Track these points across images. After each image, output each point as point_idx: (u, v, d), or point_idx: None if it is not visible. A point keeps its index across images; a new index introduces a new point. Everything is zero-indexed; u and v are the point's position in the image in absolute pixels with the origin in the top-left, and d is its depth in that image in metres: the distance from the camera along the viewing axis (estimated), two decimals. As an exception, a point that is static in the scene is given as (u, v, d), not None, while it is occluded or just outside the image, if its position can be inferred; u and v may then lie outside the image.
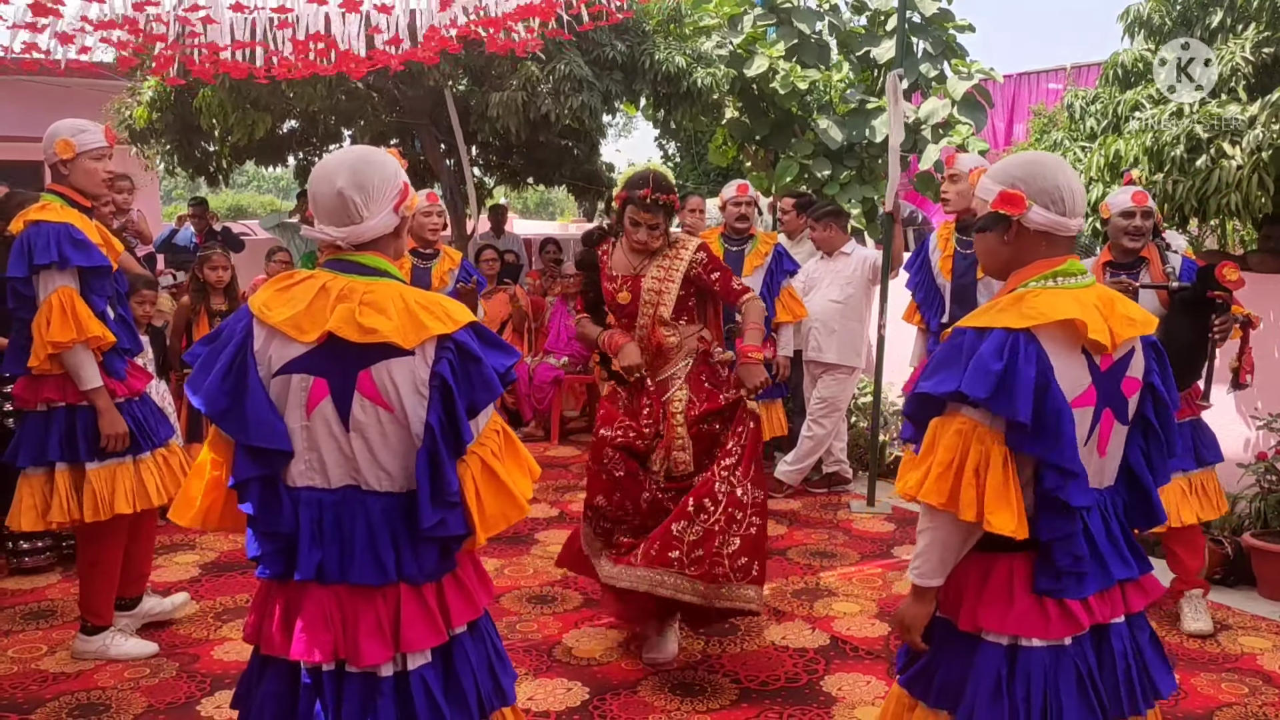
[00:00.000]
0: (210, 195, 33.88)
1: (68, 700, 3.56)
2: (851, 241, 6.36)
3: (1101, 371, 2.07)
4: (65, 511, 3.65)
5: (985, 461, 2.02)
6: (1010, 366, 1.97)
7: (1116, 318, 2.06)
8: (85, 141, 3.65)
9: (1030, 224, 2.10)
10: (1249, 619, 4.35)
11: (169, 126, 9.12)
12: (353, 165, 2.10)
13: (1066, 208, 2.09)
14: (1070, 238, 2.13)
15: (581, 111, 7.92)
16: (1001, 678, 2.06)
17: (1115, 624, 2.13)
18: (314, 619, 2.05)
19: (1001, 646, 2.08)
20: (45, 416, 3.67)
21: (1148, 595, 2.19)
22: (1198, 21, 6.76)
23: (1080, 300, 2.05)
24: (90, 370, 3.59)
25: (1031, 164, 2.14)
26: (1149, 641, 2.21)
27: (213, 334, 2.15)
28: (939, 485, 2.04)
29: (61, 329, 3.50)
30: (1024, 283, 2.10)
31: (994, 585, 2.09)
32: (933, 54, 10.11)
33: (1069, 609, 2.06)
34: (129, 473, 3.75)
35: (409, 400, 2.04)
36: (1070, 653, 2.08)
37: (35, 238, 3.50)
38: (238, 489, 2.08)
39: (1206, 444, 4.20)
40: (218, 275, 5.84)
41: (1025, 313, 2.02)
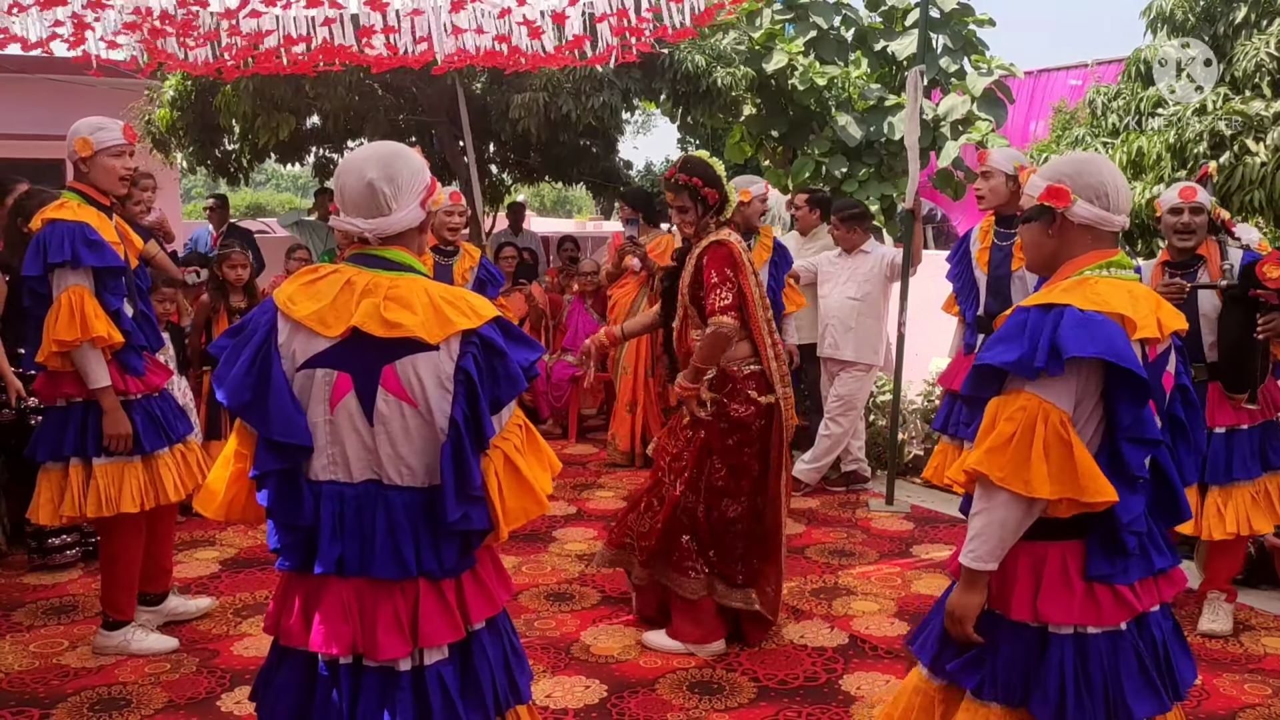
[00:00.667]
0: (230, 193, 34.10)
1: (89, 695, 3.59)
2: (870, 240, 6.33)
3: (1149, 361, 2.11)
4: (76, 506, 3.67)
5: (1057, 436, 2.02)
6: (1099, 328, 2.01)
7: (1165, 311, 2.13)
8: (104, 139, 3.67)
9: (1075, 217, 2.17)
10: (1272, 619, 4.30)
11: (190, 126, 9.17)
12: (382, 158, 2.12)
13: (1111, 203, 2.16)
14: (1114, 234, 2.19)
15: (602, 111, 7.92)
16: (1078, 669, 2.08)
17: (1153, 613, 2.17)
18: (333, 612, 2.06)
19: (1069, 637, 2.10)
20: (64, 412, 3.69)
21: (1175, 585, 2.22)
22: (1221, 17, 6.71)
23: (1134, 293, 2.11)
24: (98, 369, 3.60)
25: (1079, 162, 2.22)
26: (1173, 631, 2.24)
27: (237, 327, 2.15)
28: (1008, 461, 2.03)
29: (67, 328, 3.51)
30: (1080, 271, 2.15)
31: (1050, 575, 2.10)
32: (952, 49, 10.05)
33: (1120, 594, 2.09)
34: (136, 471, 3.74)
35: (433, 395, 2.04)
36: (1128, 638, 2.11)
37: (50, 237, 3.53)
38: (257, 481, 2.09)
39: (1275, 448, 4.07)
40: (237, 274, 5.87)
41: (1089, 296, 2.06)
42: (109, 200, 3.75)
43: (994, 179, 4.60)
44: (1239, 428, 4.03)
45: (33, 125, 11.95)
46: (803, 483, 6.21)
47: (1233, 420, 4.03)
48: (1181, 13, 6.79)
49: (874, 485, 6.39)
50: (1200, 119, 5.69)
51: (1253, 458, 4.03)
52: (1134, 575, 2.11)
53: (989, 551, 2.10)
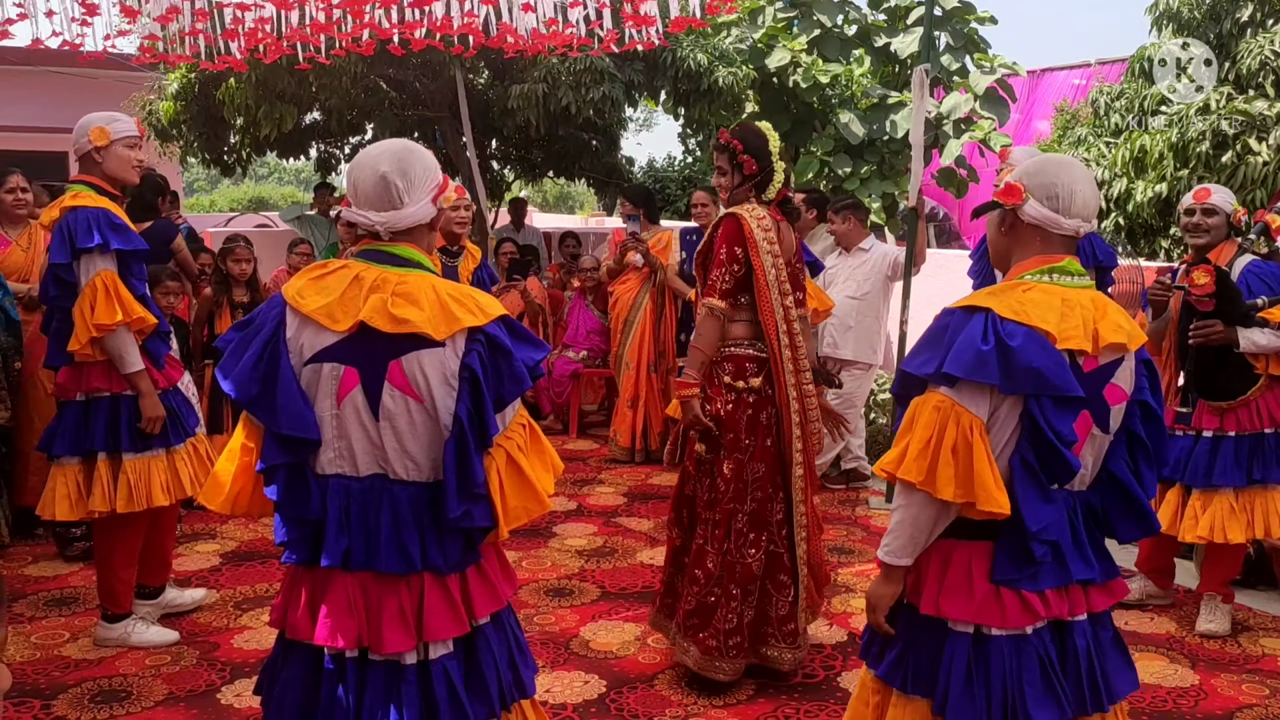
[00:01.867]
0: (231, 187, 33.94)
1: (89, 687, 3.60)
2: (870, 237, 6.32)
3: (1084, 373, 2.07)
4: (107, 500, 3.67)
5: (964, 442, 2.02)
6: (1005, 348, 2.00)
7: (1106, 323, 2.08)
8: (119, 129, 3.71)
9: (1025, 217, 2.15)
10: (1270, 620, 4.31)
11: (194, 119, 9.17)
12: (396, 152, 2.15)
13: (1062, 206, 2.13)
14: (1067, 238, 2.16)
15: (603, 104, 7.92)
16: (971, 666, 2.08)
17: (1078, 621, 2.14)
18: (339, 605, 2.07)
19: (969, 635, 2.10)
20: (85, 406, 3.68)
21: (1113, 596, 2.20)
22: (1226, 15, 6.71)
23: (1069, 302, 2.07)
24: (134, 353, 3.62)
25: (1042, 161, 2.20)
26: (1111, 640, 2.21)
27: (245, 320, 2.17)
28: (917, 463, 2.05)
29: (107, 311, 3.52)
30: (1021, 275, 2.14)
31: (955, 573, 2.11)
32: (954, 47, 10.04)
33: (1025, 599, 2.07)
34: (163, 465, 3.78)
35: (438, 391, 2.05)
36: (1032, 643, 2.09)
37: (75, 223, 3.53)
38: (265, 475, 2.11)
39: (1265, 461, 4.05)
40: (240, 268, 5.87)
41: (1013, 305, 2.04)
42: (118, 191, 3.77)
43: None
44: (1226, 434, 4.04)
45: (35, 118, 11.96)
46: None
47: (1218, 426, 4.05)
48: (1187, 10, 6.79)
49: (873, 483, 6.40)
50: (1203, 118, 5.69)
51: (1237, 467, 4.04)
52: (1045, 583, 2.09)
53: (900, 547, 2.13)
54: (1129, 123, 6.62)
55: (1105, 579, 2.18)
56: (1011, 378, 1.99)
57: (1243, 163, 5.39)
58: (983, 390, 2.02)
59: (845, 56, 10.02)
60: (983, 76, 9.66)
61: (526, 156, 10.81)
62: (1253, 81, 6.10)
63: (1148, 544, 4.42)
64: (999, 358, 1.99)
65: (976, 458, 2.01)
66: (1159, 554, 4.41)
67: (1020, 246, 2.19)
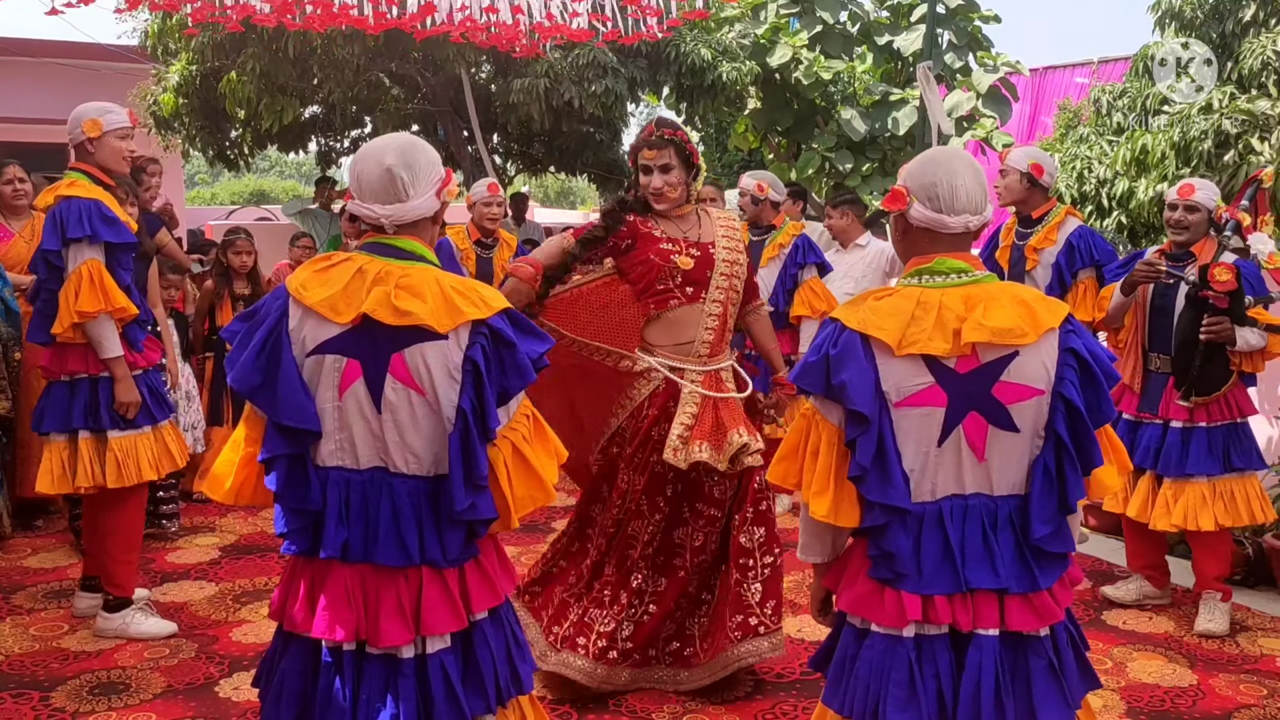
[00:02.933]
0: (232, 180, 33.95)
1: (88, 679, 3.60)
2: (867, 234, 6.32)
3: (958, 374, 2.00)
4: (90, 476, 3.74)
5: (817, 447, 2.07)
6: (834, 359, 2.02)
7: (970, 323, 1.98)
8: (111, 121, 3.78)
9: (913, 220, 2.12)
10: (1269, 620, 4.31)
11: (195, 111, 9.17)
12: (400, 146, 2.16)
13: (944, 205, 2.07)
14: (956, 235, 2.09)
15: (606, 98, 7.92)
16: (848, 659, 2.09)
17: (982, 635, 2.01)
18: (337, 597, 2.07)
19: (855, 628, 2.11)
20: (69, 386, 3.77)
21: (1038, 617, 2.03)
22: (1229, 15, 6.70)
23: (925, 304, 2.02)
24: (112, 340, 3.71)
25: (922, 161, 2.16)
26: (1044, 671, 2.03)
27: (249, 311, 2.17)
28: (785, 467, 2.12)
29: (90, 299, 3.61)
30: (902, 279, 2.15)
31: (852, 566, 2.13)
32: (957, 45, 10.04)
33: (902, 600, 2.01)
34: (149, 441, 3.85)
35: (441, 384, 2.06)
36: (907, 646, 2.01)
37: (67, 212, 3.62)
38: (266, 465, 2.11)
39: (1240, 450, 4.09)
40: (241, 260, 5.87)
41: (860, 315, 2.05)
42: (112, 181, 3.84)
43: (1009, 176, 4.63)
44: (1197, 425, 4.07)
45: (36, 109, 11.94)
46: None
47: (1189, 416, 4.07)
48: (1190, 9, 6.78)
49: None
50: (1205, 117, 5.68)
51: (1211, 456, 4.05)
52: (932, 587, 2.00)
53: (805, 545, 2.20)
54: (1131, 122, 6.61)
55: (1023, 590, 2.02)
56: (829, 389, 2.01)
57: (1245, 162, 5.39)
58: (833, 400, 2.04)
59: (848, 53, 10.02)
60: (985, 75, 9.66)
61: (528, 151, 10.82)
62: (1255, 81, 6.10)
63: (1132, 539, 4.41)
64: (821, 368, 2.02)
65: (820, 463, 2.05)
66: (1146, 549, 4.41)
67: (914, 250, 2.15)
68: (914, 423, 2.01)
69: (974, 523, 2.05)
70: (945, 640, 2.03)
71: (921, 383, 2.01)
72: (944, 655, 2.02)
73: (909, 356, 2.00)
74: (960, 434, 2.02)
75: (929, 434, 2.02)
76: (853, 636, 2.10)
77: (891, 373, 2.01)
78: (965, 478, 2.05)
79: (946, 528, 2.03)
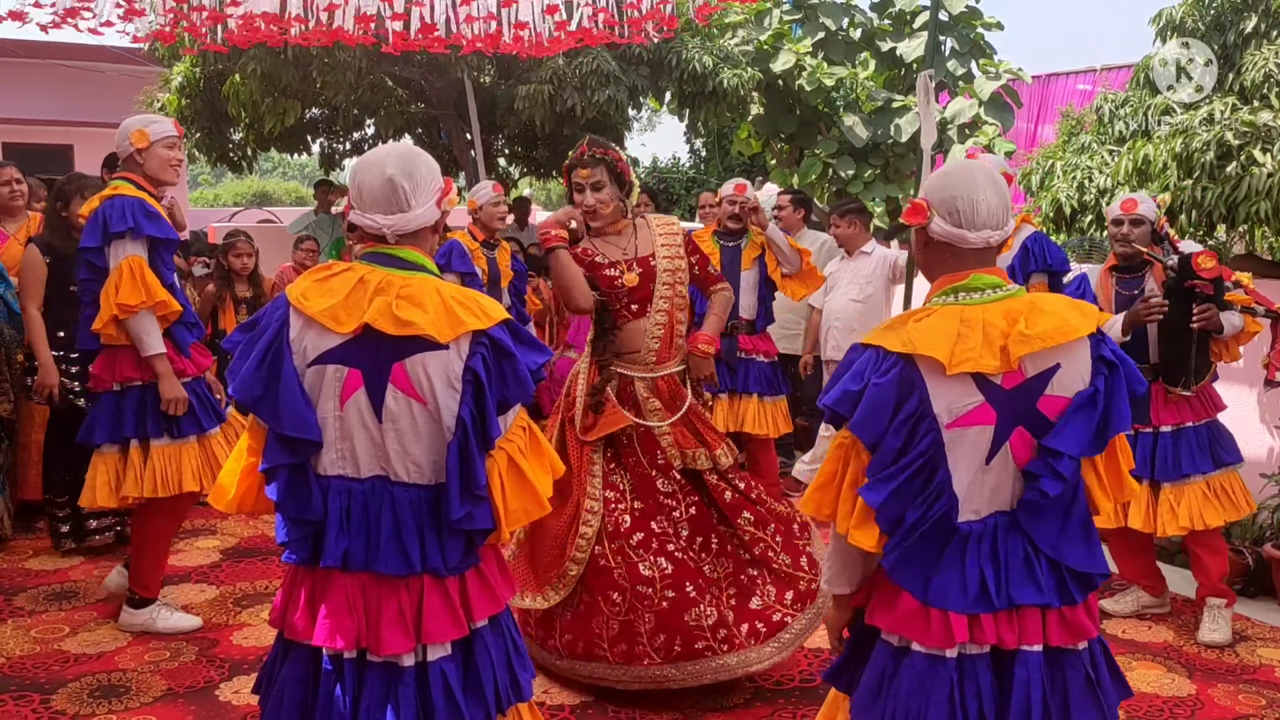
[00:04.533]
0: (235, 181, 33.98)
1: (89, 681, 3.61)
2: (872, 241, 6.34)
3: (1005, 390, 2.00)
4: (139, 486, 3.78)
5: (859, 477, 2.03)
6: (875, 387, 1.99)
7: (1015, 337, 1.98)
8: (158, 131, 3.85)
9: (934, 234, 2.10)
10: (1268, 630, 4.31)
11: (198, 113, 9.18)
12: (401, 155, 2.17)
13: (964, 219, 2.06)
14: (979, 250, 2.09)
15: (607, 106, 7.94)
16: (885, 677, 2.06)
17: (1025, 652, 2.02)
18: (338, 606, 2.08)
19: (891, 646, 2.08)
20: (119, 396, 3.79)
21: (1071, 633, 2.04)
22: (1231, 26, 6.71)
23: (968, 322, 2.01)
24: (154, 336, 3.72)
25: (942, 175, 2.14)
26: (1082, 685, 2.05)
27: (250, 321, 2.18)
28: (820, 498, 2.09)
29: (131, 292, 3.64)
30: (929, 299, 2.12)
31: (889, 584, 2.09)
32: (960, 52, 10.05)
33: (949, 620, 1.99)
34: (194, 451, 3.87)
35: (442, 394, 2.06)
36: (949, 667, 2.00)
37: (111, 210, 3.67)
38: (267, 475, 2.12)
39: (1224, 445, 4.19)
40: (242, 262, 5.88)
41: (903, 337, 2.01)
42: (157, 190, 3.89)
43: None
44: (1185, 425, 4.13)
45: (41, 111, 11.97)
46: (803, 483, 6.23)
47: (1178, 418, 4.14)
48: (1192, 21, 6.79)
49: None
50: (1208, 128, 5.69)
51: (1202, 453, 4.11)
52: (981, 606, 1.99)
53: (834, 576, 2.17)
54: (1134, 131, 6.61)
55: (1065, 605, 2.04)
56: (860, 417, 1.99)
57: (1247, 173, 5.39)
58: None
59: (850, 60, 10.03)
60: (988, 82, 9.67)
61: (530, 155, 10.82)
62: (1258, 93, 6.11)
63: (1118, 549, 4.41)
64: (857, 397, 2.00)
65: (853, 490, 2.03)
66: (1132, 555, 4.40)
67: (935, 265, 2.14)
68: (966, 442, 2.00)
69: (1016, 539, 2.05)
70: (987, 659, 2.03)
71: (972, 402, 2.00)
72: (985, 674, 2.02)
73: (959, 376, 1.98)
74: (1007, 450, 2.02)
75: (980, 453, 2.01)
76: (889, 655, 2.07)
77: (943, 394, 1.99)
78: (1008, 494, 2.05)
79: (995, 545, 2.04)
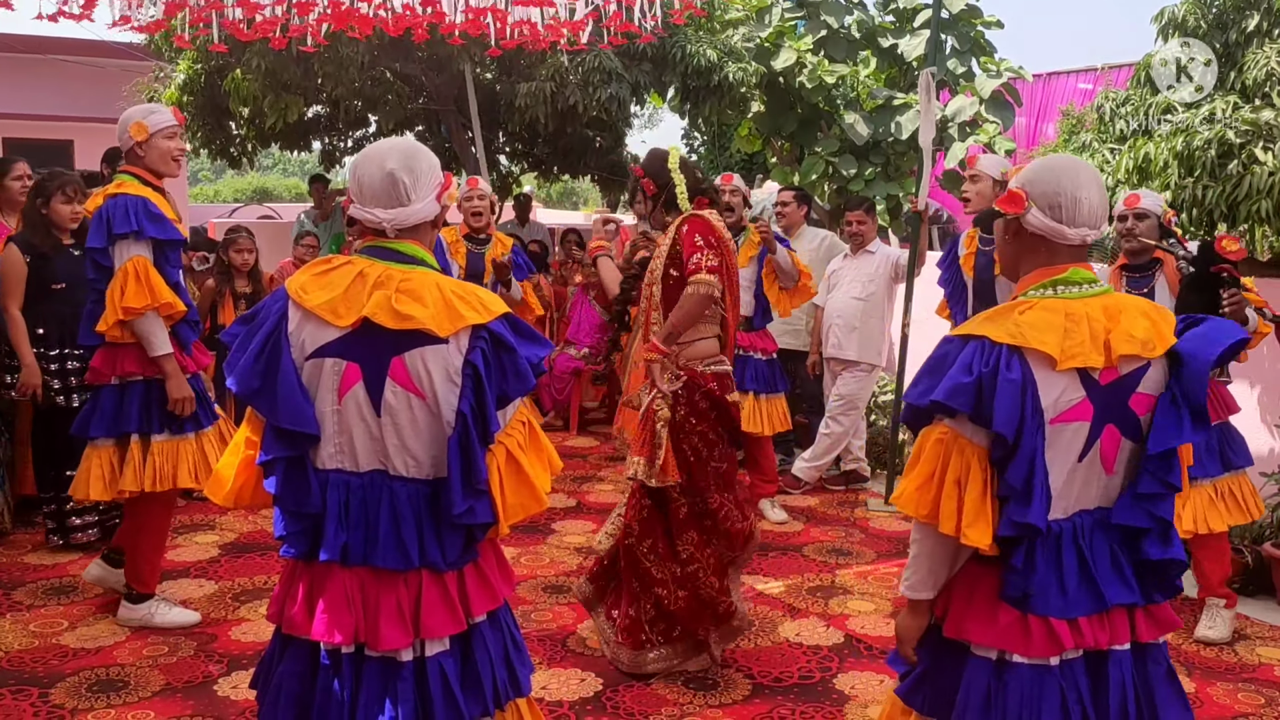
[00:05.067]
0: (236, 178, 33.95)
1: (87, 676, 3.60)
2: (876, 240, 6.34)
3: (1101, 385, 2.00)
4: (138, 480, 3.79)
5: (966, 473, 1.98)
6: (986, 378, 1.94)
7: (1118, 333, 1.98)
8: (157, 122, 3.81)
9: (1029, 226, 2.07)
10: (1268, 629, 4.31)
11: (199, 109, 9.17)
12: (402, 149, 2.17)
13: (1066, 215, 2.03)
14: (1074, 247, 2.06)
15: (610, 103, 7.92)
16: (991, 692, 2.01)
17: (1116, 651, 2.03)
18: (336, 601, 2.07)
19: (990, 661, 2.03)
20: (120, 390, 3.79)
21: (1160, 627, 2.08)
22: (1233, 24, 6.69)
23: (1074, 316, 1.99)
24: (161, 336, 3.74)
25: (1045, 167, 2.11)
26: (1164, 677, 2.09)
27: (249, 314, 2.17)
28: (920, 496, 2.02)
29: (136, 295, 3.64)
30: (1025, 291, 2.08)
31: (981, 596, 2.05)
32: (960, 50, 10.04)
33: (1052, 628, 1.98)
34: (191, 448, 3.88)
35: (441, 388, 2.06)
36: (1055, 675, 1.99)
37: (114, 209, 3.66)
38: (265, 468, 2.11)
39: (1235, 448, 4.14)
40: (242, 258, 5.88)
41: (1010, 329, 1.98)
42: (160, 182, 3.86)
43: (981, 183, 4.75)
44: None
45: (41, 105, 11.95)
46: (802, 481, 6.23)
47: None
48: (1194, 19, 6.77)
49: (873, 485, 6.40)
50: (1209, 127, 5.68)
51: (1209, 456, 4.08)
52: (1076, 609, 1.99)
53: (920, 581, 2.10)
54: (1134, 129, 6.60)
55: (1151, 603, 2.06)
56: (980, 410, 1.94)
57: (1248, 172, 5.38)
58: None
59: (852, 58, 10.02)
60: (989, 80, 9.65)
61: (532, 152, 10.81)
62: (1259, 91, 6.09)
63: None
64: (974, 389, 1.95)
65: (971, 488, 1.97)
66: None
67: (1026, 256, 2.10)
68: (1064, 439, 1.99)
69: (1101, 538, 2.04)
70: (1083, 663, 2.02)
71: (1075, 397, 1.98)
72: (1084, 679, 2.02)
73: (1065, 371, 1.96)
74: (1097, 448, 2.01)
75: (1074, 450, 2.00)
76: (989, 672, 2.02)
77: (1050, 388, 1.97)
78: (1094, 492, 2.04)
79: (1080, 545, 2.02)
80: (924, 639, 2.15)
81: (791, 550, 5.16)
